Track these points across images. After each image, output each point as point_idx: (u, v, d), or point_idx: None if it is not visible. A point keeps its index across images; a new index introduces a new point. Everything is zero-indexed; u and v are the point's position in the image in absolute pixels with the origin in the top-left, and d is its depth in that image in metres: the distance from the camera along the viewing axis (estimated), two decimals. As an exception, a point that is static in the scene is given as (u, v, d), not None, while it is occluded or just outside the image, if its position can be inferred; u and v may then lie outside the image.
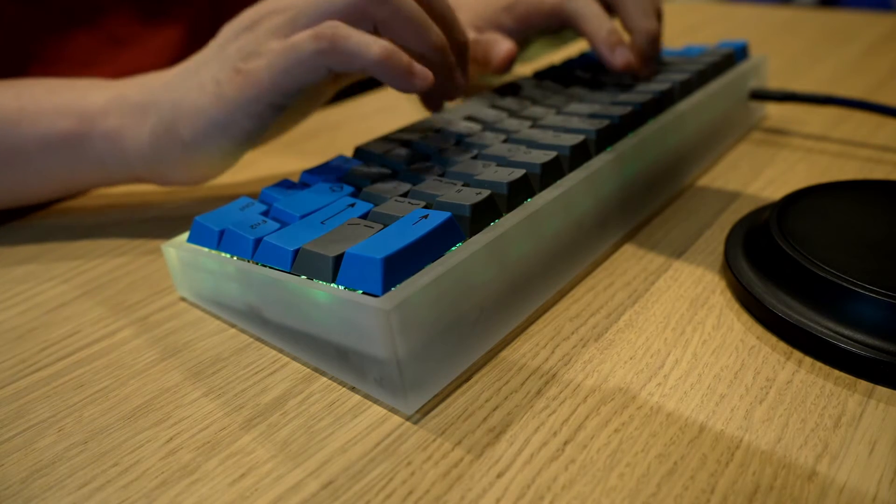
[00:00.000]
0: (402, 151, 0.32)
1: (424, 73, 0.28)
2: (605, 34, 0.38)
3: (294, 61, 0.28)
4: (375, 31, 0.30)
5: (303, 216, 0.27)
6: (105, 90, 0.34)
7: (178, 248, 0.29)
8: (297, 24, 0.30)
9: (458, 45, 0.32)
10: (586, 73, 0.43)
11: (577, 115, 0.34)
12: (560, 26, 0.42)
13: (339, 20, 0.29)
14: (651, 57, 0.40)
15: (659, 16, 0.41)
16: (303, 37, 0.28)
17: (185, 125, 0.31)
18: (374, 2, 0.29)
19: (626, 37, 0.40)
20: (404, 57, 0.28)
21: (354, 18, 0.29)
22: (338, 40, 0.27)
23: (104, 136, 0.33)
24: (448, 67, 0.31)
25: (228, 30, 0.32)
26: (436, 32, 0.30)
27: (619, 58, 0.38)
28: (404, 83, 0.28)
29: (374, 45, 0.27)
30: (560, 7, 0.40)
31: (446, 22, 0.32)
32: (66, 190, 0.36)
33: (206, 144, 0.31)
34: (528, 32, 0.47)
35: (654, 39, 0.40)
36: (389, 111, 0.55)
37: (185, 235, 0.29)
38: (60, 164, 0.34)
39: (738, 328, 0.26)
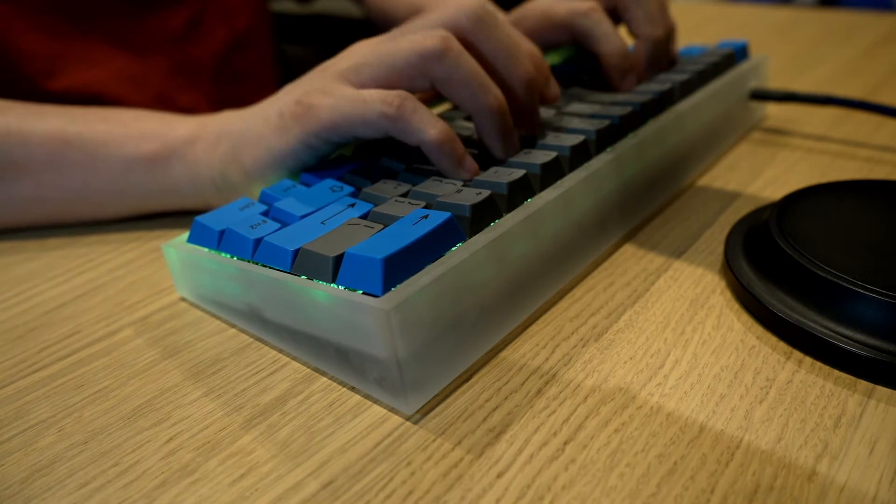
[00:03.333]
0: (403, 151, 0.32)
1: (471, 167, 0.29)
2: (619, 59, 0.38)
3: (358, 114, 0.29)
4: (434, 87, 0.31)
5: (303, 216, 0.27)
6: (189, 122, 0.36)
7: (178, 248, 0.29)
8: (361, 72, 0.31)
9: (524, 81, 0.32)
10: (586, 73, 0.43)
11: (577, 115, 0.34)
12: (569, 41, 0.42)
13: (400, 75, 0.30)
14: (656, 61, 0.40)
15: (667, 22, 0.40)
16: (374, 96, 0.29)
17: (247, 153, 0.33)
18: (431, 61, 0.29)
19: (629, 41, 0.40)
20: (458, 146, 0.29)
21: (413, 74, 0.30)
22: (404, 112, 0.29)
23: (182, 161, 0.35)
24: (503, 132, 0.31)
25: (304, 76, 0.34)
26: (493, 95, 0.30)
27: (628, 84, 0.38)
28: (452, 171, 0.29)
29: (433, 128, 0.29)
30: (571, 23, 0.40)
31: (508, 63, 0.31)
32: (137, 212, 0.38)
33: (263, 172, 0.33)
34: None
35: (659, 46, 0.40)
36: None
37: (185, 235, 0.29)
38: (139, 185, 0.36)
39: (738, 328, 0.26)
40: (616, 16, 0.42)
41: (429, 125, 0.29)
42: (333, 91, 0.30)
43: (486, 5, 0.31)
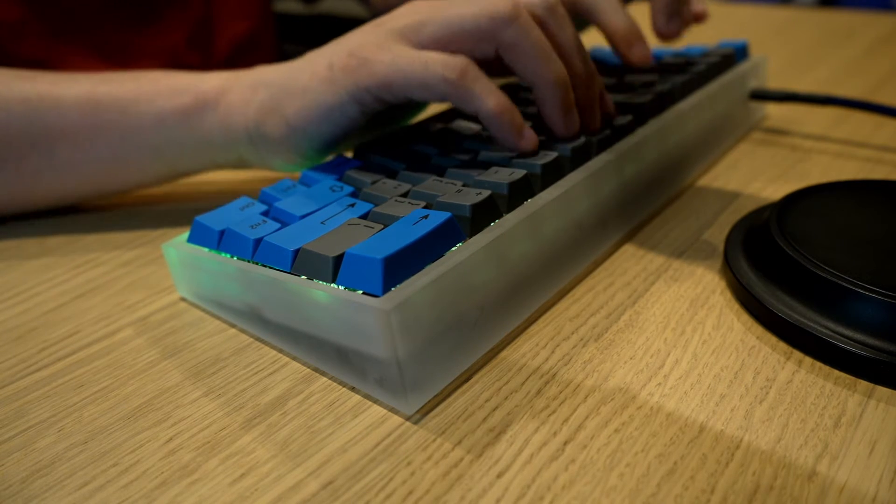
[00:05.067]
0: (402, 151, 0.32)
1: (531, 138, 0.29)
2: (625, 31, 0.37)
3: (419, 74, 0.29)
4: (497, 56, 0.30)
5: (303, 216, 0.27)
6: (221, 75, 0.36)
7: (178, 248, 0.29)
8: (422, 31, 0.30)
9: (587, 75, 0.31)
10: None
11: (577, 115, 0.34)
12: (574, 19, 0.41)
13: (465, 38, 0.29)
14: (675, 11, 0.38)
15: None
16: (437, 59, 0.28)
17: (291, 104, 0.32)
18: (501, 24, 0.29)
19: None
20: (518, 117, 0.29)
21: (480, 37, 0.29)
22: (466, 79, 0.28)
23: (216, 111, 0.34)
24: (565, 105, 0.30)
25: (355, 30, 0.33)
26: (559, 67, 0.29)
27: (638, 54, 0.37)
28: (511, 141, 0.29)
29: (493, 97, 0.28)
30: (574, 1, 0.38)
31: (574, 54, 0.31)
32: (172, 173, 0.37)
33: (308, 125, 0.32)
34: None
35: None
36: (389, 111, 0.55)
37: (185, 235, 0.29)
38: (174, 141, 0.35)
39: (738, 328, 0.26)
40: None
41: (490, 94, 0.28)
42: (392, 48, 0.29)
43: (559, 3, 0.31)
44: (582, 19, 0.43)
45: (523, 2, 0.30)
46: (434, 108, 0.53)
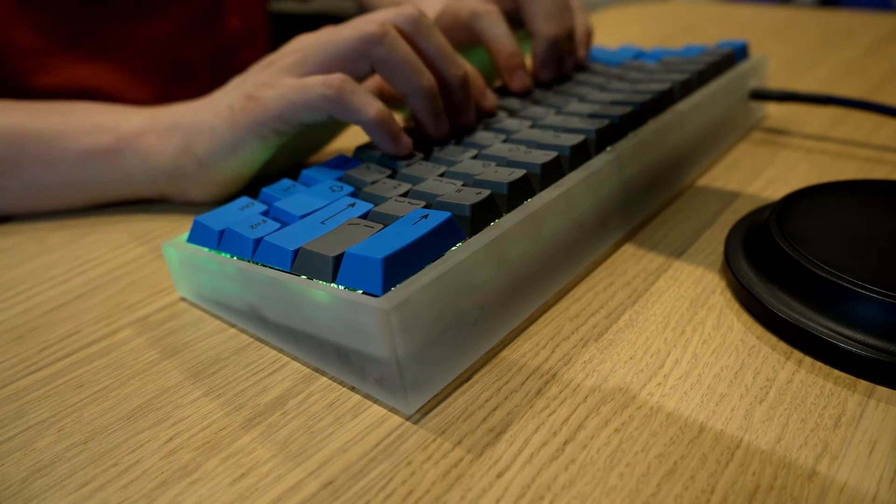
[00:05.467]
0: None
1: (407, 143, 0.32)
2: (506, 57, 0.39)
3: (302, 99, 0.31)
4: (373, 71, 0.33)
5: (303, 216, 0.27)
6: (141, 114, 0.38)
7: (178, 248, 0.29)
8: (307, 62, 0.33)
9: (458, 79, 0.34)
10: (586, 73, 0.43)
11: (577, 115, 0.34)
12: (475, 42, 0.43)
13: (343, 60, 0.33)
14: (549, 59, 0.41)
15: (565, 22, 0.41)
16: (315, 81, 0.31)
17: (200, 144, 0.35)
18: (371, 43, 0.32)
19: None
20: (395, 125, 0.31)
21: (355, 57, 0.32)
22: (343, 93, 0.31)
23: (135, 152, 0.37)
24: (435, 111, 0.33)
25: (251, 69, 0.36)
26: (426, 78, 0.32)
27: (517, 82, 0.40)
28: (389, 146, 0.32)
29: (371, 107, 0.31)
30: (469, 25, 0.41)
31: (442, 62, 0.34)
32: (97, 201, 0.40)
33: (217, 162, 0.35)
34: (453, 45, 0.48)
35: (554, 45, 0.40)
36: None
37: (185, 235, 0.29)
38: (95, 175, 0.38)
39: (738, 328, 0.26)
40: (515, 22, 0.43)
41: (368, 105, 0.31)
42: (278, 83, 0.33)
43: (424, 14, 0.34)
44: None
45: (391, 19, 0.33)
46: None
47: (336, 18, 0.80)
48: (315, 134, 0.41)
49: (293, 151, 0.41)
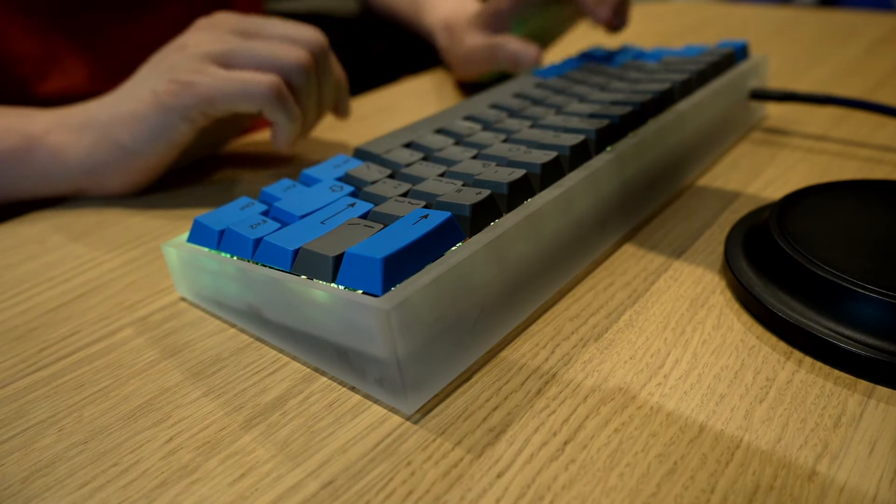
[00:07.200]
0: (402, 151, 0.32)
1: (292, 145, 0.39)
2: None
3: (241, 92, 0.35)
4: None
5: (303, 216, 0.27)
6: (47, 114, 0.39)
7: (178, 248, 0.29)
8: (233, 58, 0.37)
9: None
10: (586, 73, 0.43)
11: (577, 115, 0.34)
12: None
13: (272, 70, 0.37)
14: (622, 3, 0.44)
15: None
16: (259, 79, 0.35)
17: (124, 132, 0.37)
18: (301, 72, 0.37)
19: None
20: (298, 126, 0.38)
21: (269, 66, 0.36)
22: (283, 99, 0.36)
23: (47, 151, 0.38)
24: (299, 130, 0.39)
25: (156, 57, 0.38)
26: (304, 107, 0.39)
27: (602, 13, 0.43)
28: (283, 144, 0.38)
29: (298, 113, 0.37)
30: None
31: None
32: (8, 200, 0.40)
33: (144, 146, 0.37)
34: (525, 7, 0.51)
35: None
36: (389, 111, 0.55)
37: (185, 235, 0.29)
38: (9, 177, 0.39)
39: (738, 328, 0.26)
40: None
41: (296, 111, 0.36)
42: (211, 72, 0.35)
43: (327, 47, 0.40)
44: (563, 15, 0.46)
45: (316, 48, 0.39)
46: (433, 108, 0.53)
47: (334, 18, 0.80)
48: (225, 128, 0.44)
49: (204, 144, 0.43)
